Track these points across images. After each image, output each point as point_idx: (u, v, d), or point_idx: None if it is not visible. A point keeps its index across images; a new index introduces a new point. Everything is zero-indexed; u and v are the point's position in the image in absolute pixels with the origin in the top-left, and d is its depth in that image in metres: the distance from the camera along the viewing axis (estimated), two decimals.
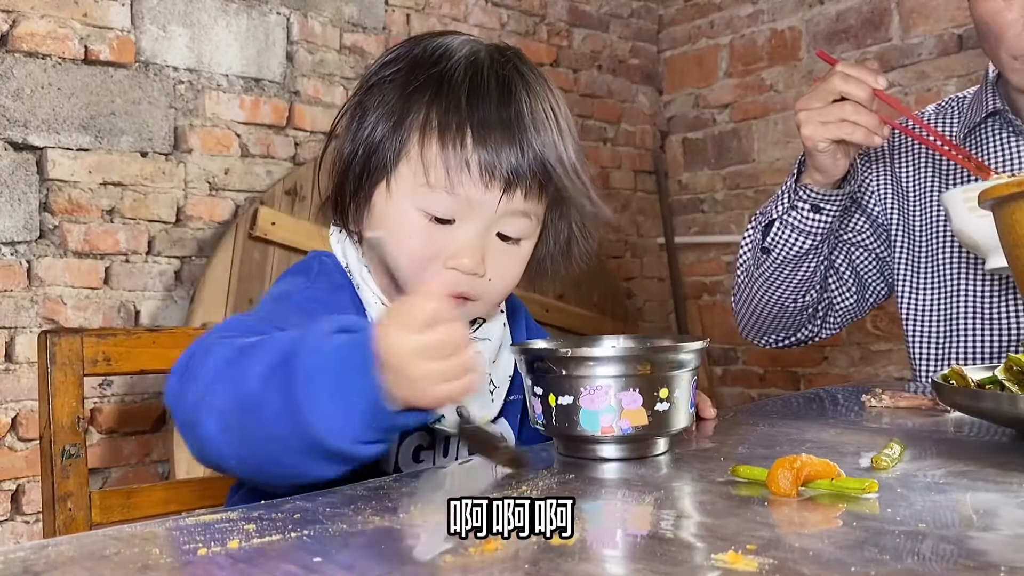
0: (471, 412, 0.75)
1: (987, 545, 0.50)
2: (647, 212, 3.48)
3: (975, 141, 1.30)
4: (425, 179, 0.81)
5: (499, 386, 0.90)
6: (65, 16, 2.02)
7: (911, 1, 2.82)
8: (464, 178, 0.80)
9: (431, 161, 0.80)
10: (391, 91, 0.84)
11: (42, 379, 0.97)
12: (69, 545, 0.53)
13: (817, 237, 1.27)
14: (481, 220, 0.82)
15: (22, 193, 1.96)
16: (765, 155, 3.23)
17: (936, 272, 1.30)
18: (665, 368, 0.75)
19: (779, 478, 0.62)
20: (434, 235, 0.82)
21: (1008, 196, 0.80)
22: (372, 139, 0.83)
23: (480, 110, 0.81)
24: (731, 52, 3.32)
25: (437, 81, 0.82)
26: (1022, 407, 0.73)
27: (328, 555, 0.50)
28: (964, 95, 1.38)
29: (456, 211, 0.81)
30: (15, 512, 1.95)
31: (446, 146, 0.80)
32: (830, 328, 1.43)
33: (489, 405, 0.88)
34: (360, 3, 2.58)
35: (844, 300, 1.40)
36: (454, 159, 0.79)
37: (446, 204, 0.81)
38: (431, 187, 0.80)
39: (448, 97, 0.81)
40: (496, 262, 0.83)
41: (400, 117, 0.82)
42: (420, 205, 0.81)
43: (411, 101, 0.82)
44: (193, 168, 2.22)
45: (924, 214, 1.32)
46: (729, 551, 0.48)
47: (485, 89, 0.82)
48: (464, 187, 0.80)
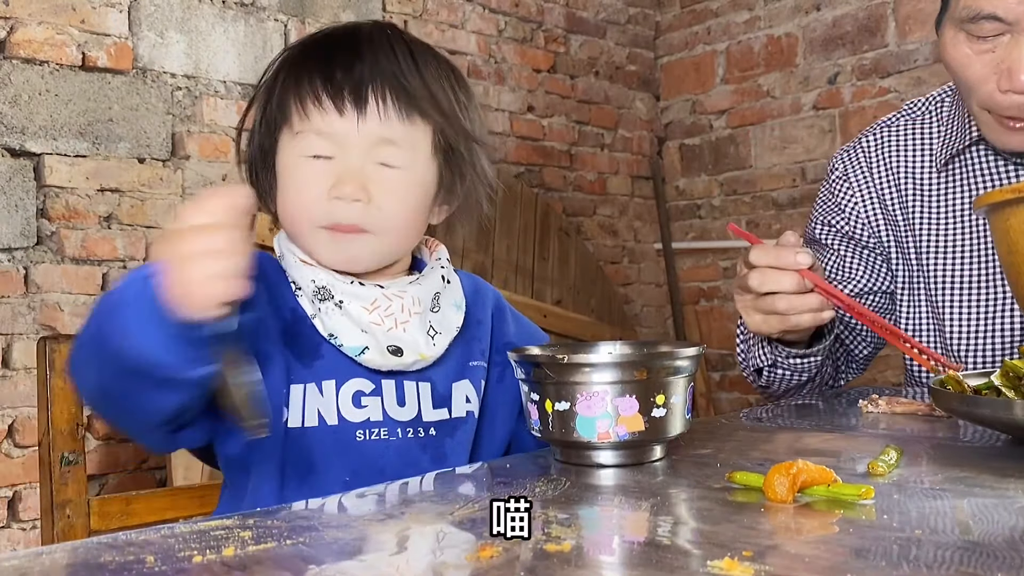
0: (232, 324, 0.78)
1: (983, 551, 0.50)
2: (644, 218, 3.49)
3: (959, 167, 1.25)
4: (293, 129, 0.88)
5: (440, 332, 0.91)
6: (63, 23, 2.02)
7: (907, 7, 2.83)
8: (319, 111, 0.86)
9: (291, 109, 0.88)
10: (266, 92, 0.92)
11: (41, 386, 0.97)
12: (64, 552, 0.53)
13: (814, 369, 1.19)
14: (353, 149, 0.87)
15: (19, 199, 1.95)
16: (762, 161, 3.23)
17: (928, 283, 1.29)
18: (661, 374, 0.75)
19: (775, 484, 0.62)
20: (318, 175, 0.87)
21: (1003, 202, 0.81)
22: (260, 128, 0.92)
23: (324, 51, 0.90)
24: (728, 58, 3.32)
25: (296, 54, 0.92)
26: (1018, 413, 0.73)
27: (323, 562, 0.50)
28: (941, 98, 1.31)
29: (327, 148, 0.87)
30: (12, 519, 1.95)
31: (300, 88, 0.87)
32: (853, 374, 1.38)
33: (429, 347, 0.89)
34: (357, 10, 2.58)
35: (863, 349, 1.36)
36: (309, 97, 0.87)
37: (316, 143, 0.87)
38: (301, 133, 0.88)
39: (304, 56, 0.91)
40: (381, 188, 0.87)
41: (270, 97, 0.91)
42: (298, 153, 0.88)
43: (276, 83, 0.91)
44: (191, 174, 2.22)
45: (912, 231, 1.28)
46: (725, 558, 0.48)
47: (333, 37, 0.92)
48: (324, 118, 0.86)
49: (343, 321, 0.86)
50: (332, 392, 0.86)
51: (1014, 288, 0.88)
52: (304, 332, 0.87)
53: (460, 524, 0.59)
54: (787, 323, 1.04)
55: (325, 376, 0.86)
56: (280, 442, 0.84)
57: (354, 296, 0.87)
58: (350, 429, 0.86)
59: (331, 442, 0.85)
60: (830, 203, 1.36)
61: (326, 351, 0.87)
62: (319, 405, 0.85)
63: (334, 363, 0.86)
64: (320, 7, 2.49)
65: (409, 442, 0.88)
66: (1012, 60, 1.03)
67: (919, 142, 1.30)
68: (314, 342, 0.87)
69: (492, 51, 2.97)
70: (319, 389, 0.86)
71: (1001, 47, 1.04)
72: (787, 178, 3.16)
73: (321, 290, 0.87)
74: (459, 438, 0.92)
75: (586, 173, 3.28)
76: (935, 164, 1.27)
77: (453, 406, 0.92)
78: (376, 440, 0.87)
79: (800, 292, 1.02)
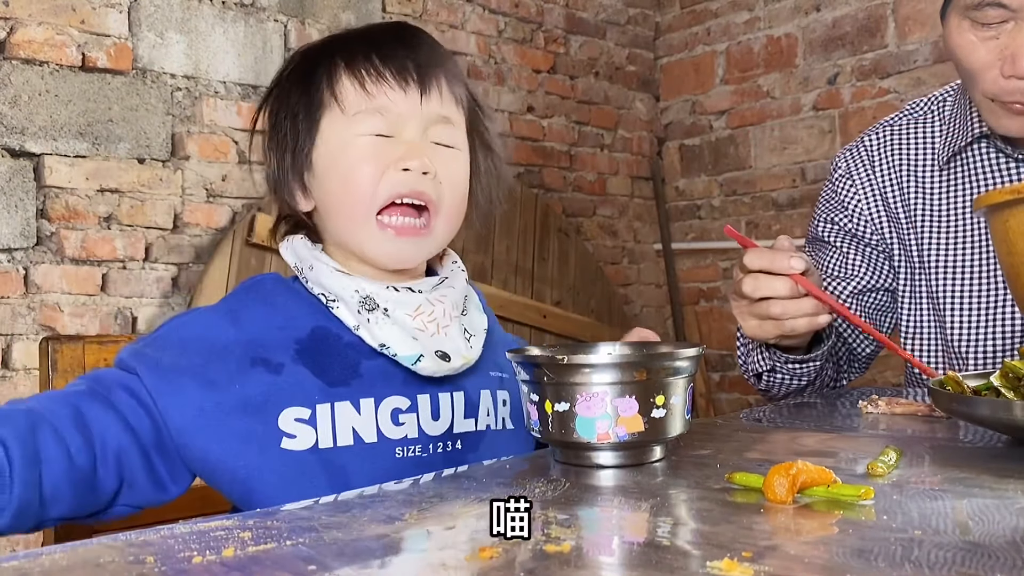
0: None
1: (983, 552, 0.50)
2: (644, 218, 3.49)
3: (961, 164, 1.25)
4: (350, 111, 0.86)
5: (475, 334, 0.91)
6: (63, 23, 2.02)
7: (906, 8, 2.83)
8: (383, 88, 0.86)
9: (346, 91, 0.87)
10: (294, 85, 0.91)
11: (43, 386, 0.97)
12: (63, 553, 0.52)
13: (813, 373, 1.20)
14: (413, 124, 0.87)
15: (19, 200, 1.95)
16: (761, 161, 3.23)
17: (930, 279, 1.29)
18: (661, 375, 0.75)
19: (775, 485, 0.62)
20: (380, 148, 0.86)
21: (1002, 203, 0.81)
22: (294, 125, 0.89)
23: (373, 40, 0.89)
24: (728, 59, 3.32)
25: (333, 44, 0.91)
26: (1018, 413, 0.73)
27: (324, 563, 0.50)
28: (944, 96, 1.32)
29: (388, 126, 0.87)
30: None
31: (357, 70, 0.87)
32: (856, 373, 1.38)
33: (469, 350, 0.89)
34: (357, 10, 2.58)
35: (866, 347, 1.36)
36: (369, 78, 0.86)
37: (377, 122, 0.86)
38: (360, 114, 0.86)
39: (344, 43, 0.90)
40: (441, 165, 0.88)
41: (307, 82, 0.89)
42: (355, 133, 0.86)
43: (315, 72, 0.89)
44: (190, 175, 2.22)
45: (913, 228, 1.30)
46: (724, 558, 0.48)
47: (379, 30, 0.92)
48: (387, 96, 0.86)
49: (394, 330, 0.84)
50: (371, 410, 0.84)
51: (1013, 289, 0.88)
52: (334, 349, 0.84)
53: (459, 525, 0.59)
54: (783, 328, 1.05)
55: (363, 394, 0.83)
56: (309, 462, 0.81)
57: (399, 303, 0.85)
58: (390, 447, 0.84)
59: (367, 460, 0.83)
60: (833, 201, 1.37)
61: (365, 369, 0.84)
62: (355, 423, 0.83)
63: (371, 380, 0.84)
64: (320, 8, 2.49)
65: (436, 457, 0.87)
66: (1016, 46, 1.04)
67: (921, 141, 1.31)
68: (347, 359, 0.84)
69: (492, 52, 2.97)
70: (355, 407, 0.83)
71: (1005, 34, 1.06)
72: (787, 179, 3.16)
73: (367, 300, 0.84)
74: (482, 451, 0.91)
75: (586, 174, 3.28)
76: (937, 162, 1.28)
77: (479, 416, 0.91)
78: (412, 457, 0.85)
79: (794, 297, 1.02)
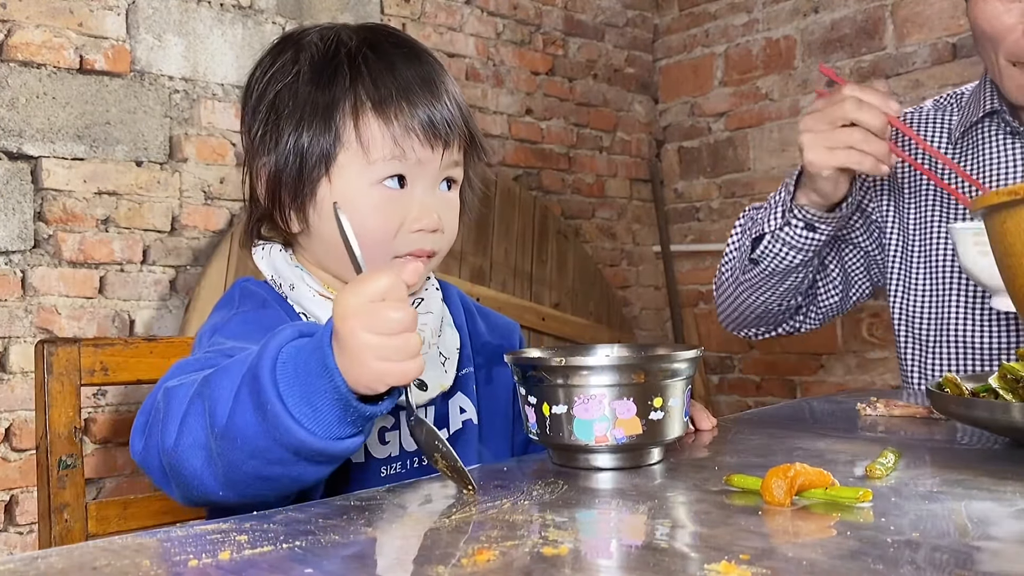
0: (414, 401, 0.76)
1: (982, 554, 0.50)
2: (643, 220, 3.48)
3: (971, 141, 1.30)
4: (373, 156, 0.84)
5: (449, 357, 0.92)
6: (60, 25, 2.02)
7: (905, 10, 2.83)
8: (412, 143, 0.84)
9: (374, 137, 0.84)
10: (302, 91, 0.86)
11: (39, 389, 0.96)
12: (59, 557, 0.52)
13: (809, 253, 1.26)
14: (429, 178, 0.87)
15: (16, 202, 1.95)
16: (760, 164, 3.23)
17: (930, 275, 1.30)
18: (659, 377, 0.75)
19: (773, 487, 0.62)
20: (394, 204, 0.85)
21: (999, 205, 0.80)
22: (300, 144, 0.85)
23: (399, 78, 0.85)
24: (726, 61, 3.33)
25: (347, 66, 0.85)
26: (1016, 415, 0.73)
27: (320, 566, 0.50)
28: (963, 91, 1.38)
29: (405, 170, 0.85)
30: (8, 523, 1.94)
31: (388, 118, 0.84)
32: (811, 323, 1.43)
33: (444, 376, 0.90)
34: (356, 13, 2.58)
35: (829, 297, 1.40)
36: (399, 127, 0.84)
37: (397, 167, 0.85)
38: (381, 161, 0.84)
39: (368, 75, 0.85)
40: (444, 213, 0.88)
41: (325, 110, 0.85)
42: (375, 179, 0.85)
43: (332, 92, 0.85)
44: (188, 177, 2.22)
45: (919, 214, 1.32)
46: (723, 561, 0.48)
47: (393, 59, 0.87)
48: (414, 151, 0.84)
49: None
50: None
51: (1010, 290, 0.88)
52: None
53: (456, 528, 0.58)
54: (851, 158, 1.10)
55: None
56: None
57: None
58: (376, 466, 0.85)
59: (356, 482, 0.83)
60: None
61: None
62: None
63: None
64: (318, 9, 2.49)
65: (415, 472, 0.88)
66: None
67: (940, 122, 1.36)
68: None
69: (490, 54, 2.97)
70: None
71: None
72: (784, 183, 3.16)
73: None
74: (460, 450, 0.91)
75: (584, 176, 3.28)
76: (951, 139, 1.32)
77: (451, 423, 0.92)
78: (394, 474, 0.86)
79: (879, 135, 1.09)
